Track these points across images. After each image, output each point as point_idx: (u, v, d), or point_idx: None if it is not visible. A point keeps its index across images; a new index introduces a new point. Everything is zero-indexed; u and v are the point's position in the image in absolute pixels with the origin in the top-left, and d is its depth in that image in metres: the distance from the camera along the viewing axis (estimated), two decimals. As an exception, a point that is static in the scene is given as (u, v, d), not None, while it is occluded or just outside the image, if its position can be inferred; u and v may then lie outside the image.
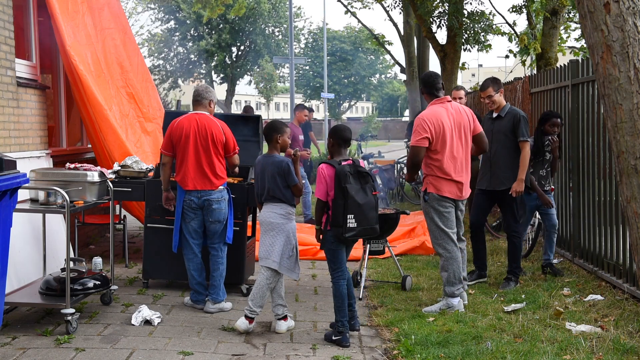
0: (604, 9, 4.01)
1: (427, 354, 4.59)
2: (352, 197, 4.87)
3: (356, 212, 4.89)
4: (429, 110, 5.75)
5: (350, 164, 5.00)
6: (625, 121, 4.02)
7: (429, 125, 5.60)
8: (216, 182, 5.73)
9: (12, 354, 4.61)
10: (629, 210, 4.11)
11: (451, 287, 5.70)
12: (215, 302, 5.76)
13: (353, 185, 4.90)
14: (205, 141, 5.69)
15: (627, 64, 3.98)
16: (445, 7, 12.86)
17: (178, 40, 41.51)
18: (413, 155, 5.70)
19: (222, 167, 5.80)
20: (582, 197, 7.13)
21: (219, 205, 5.75)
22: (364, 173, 4.99)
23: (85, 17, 7.89)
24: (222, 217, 5.81)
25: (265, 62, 41.48)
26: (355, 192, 4.90)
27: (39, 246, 6.12)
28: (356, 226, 4.91)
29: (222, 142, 5.74)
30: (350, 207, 4.87)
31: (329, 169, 4.99)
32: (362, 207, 4.90)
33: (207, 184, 5.71)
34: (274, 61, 29.35)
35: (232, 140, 5.82)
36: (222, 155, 5.79)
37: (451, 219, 5.72)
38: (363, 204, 4.91)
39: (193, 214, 5.76)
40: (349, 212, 4.87)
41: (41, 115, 7.16)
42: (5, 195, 4.19)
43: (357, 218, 4.90)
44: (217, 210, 5.75)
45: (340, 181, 4.88)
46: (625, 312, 5.45)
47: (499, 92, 6.57)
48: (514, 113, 6.51)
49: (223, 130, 5.76)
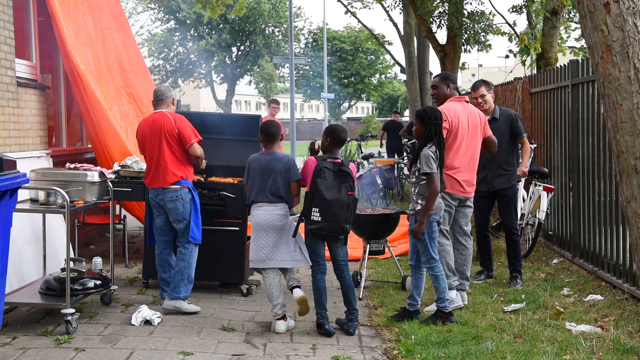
0: (604, 9, 4.01)
1: (427, 354, 4.59)
2: (321, 191, 4.96)
3: (321, 206, 4.96)
4: (448, 104, 5.80)
5: (336, 162, 5.08)
6: (625, 121, 4.01)
7: (448, 116, 5.64)
8: (168, 180, 5.63)
9: (12, 354, 4.60)
10: (629, 210, 4.11)
11: (446, 279, 5.71)
12: (171, 299, 5.67)
13: (326, 181, 4.99)
14: (159, 138, 5.64)
15: (627, 64, 3.98)
16: (445, 7, 12.86)
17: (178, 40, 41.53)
18: None
19: (178, 164, 5.66)
20: (582, 197, 7.13)
21: (174, 204, 5.66)
22: (345, 172, 5.06)
23: (86, 17, 7.89)
24: (180, 216, 5.69)
25: (265, 62, 41.49)
26: (326, 188, 4.98)
27: (39, 246, 6.12)
28: (320, 220, 4.97)
29: (175, 135, 5.63)
30: (316, 200, 4.97)
31: (313, 162, 5.13)
32: (329, 203, 4.96)
33: (160, 182, 5.68)
34: (274, 61, 29.35)
35: (188, 131, 5.65)
36: (179, 151, 5.66)
37: (446, 216, 5.72)
38: (331, 199, 4.96)
39: (157, 211, 5.78)
40: (314, 205, 4.98)
41: (41, 115, 7.16)
42: (5, 195, 4.19)
43: (322, 212, 4.96)
44: (172, 210, 5.68)
45: (314, 175, 5.02)
46: (625, 312, 5.45)
47: (490, 93, 6.71)
48: (508, 113, 6.74)
49: (175, 123, 5.62)
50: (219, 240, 6.30)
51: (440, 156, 5.30)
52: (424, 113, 5.37)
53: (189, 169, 5.78)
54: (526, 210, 8.00)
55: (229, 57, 42.94)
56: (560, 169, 7.90)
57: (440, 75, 6.19)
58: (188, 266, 5.74)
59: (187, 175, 5.76)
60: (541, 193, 7.67)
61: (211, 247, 6.30)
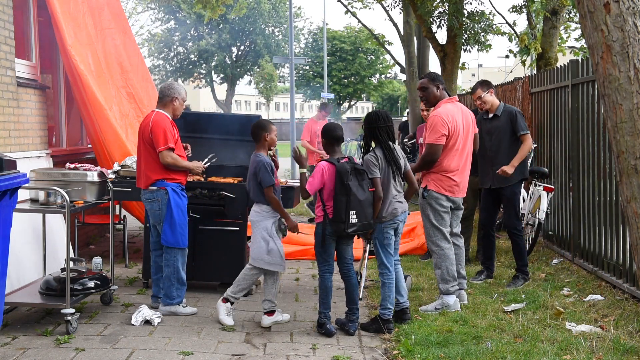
0: (604, 9, 4.00)
1: (427, 354, 4.59)
2: (354, 193, 5.00)
3: (357, 208, 5.02)
4: (444, 108, 5.71)
5: (347, 161, 5.09)
6: (625, 121, 4.01)
7: (447, 123, 5.59)
8: (144, 181, 5.60)
9: (12, 354, 4.60)
10: (629, 210, 4.11)
11: (445, 284, 5.71)
12: (164, 305, 5.62)
13: (354, 182, 5.01)
14: (141, 139, 5.61)
15: (627, 64, 3.97)
16: (445, 7, 12.84)
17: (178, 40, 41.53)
18: (430, 154, 5.64)
19: (155, 165, 5.53)
20: (582, 197, 7.13)
21: (150, 206, 5.61)
22: (361, 170, 5.11)
23: (86, 17, 7.89)
24: (157, 218, 5.60)
25: (265, 62, 41.51)
26: (356, 189, 5.02)
27: (39, 246, 6.12)
28: (357, 221, 5.04)
29: (149, 139, 5.51)
30: (353, 203, 5.00)
31: (329, 166, 5.10)
32: (362, 203, 5.03)
33: (140, 183, 5.68)
34: (274, 61, 29.33)
35: (160, 136, 5.45)
36: (155, 153, 5.53)
37: (446, 218, 5.73)
38: (363, 200, 5.04)
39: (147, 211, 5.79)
40: (351, 208, 5.00)
41: (41, 115, 7.16)
42: (5, 195, 4.19)
43: (358, 214, 5.03)
44: (149, 211, 5.65)
45: (342, 178, 5.00)
46: (625, 312, 5.45)
47: (489, 92, 6.73)
48: (509, 110, 6.69)
49: (150, 126, 5.50)
50: (219, 240, 6.30)
51: (388, 158, 5.25)
52: (366, 118, 5.40)
53: (170, 171, 5.58)
54: (526, 210, 8.00)
55: (229, 57, 42.93)
56: (560, 169, 7.90)
57: (428, 76, 5.87)
58: (175, 271, 5.63)
59: (167, 177, 5.57)
60: (541, 193, 7.68)
61: (211, 247, 6.30)
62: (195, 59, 42.03)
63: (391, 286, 5.27)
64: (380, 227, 5.27)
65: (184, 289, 5.71)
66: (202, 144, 6.64)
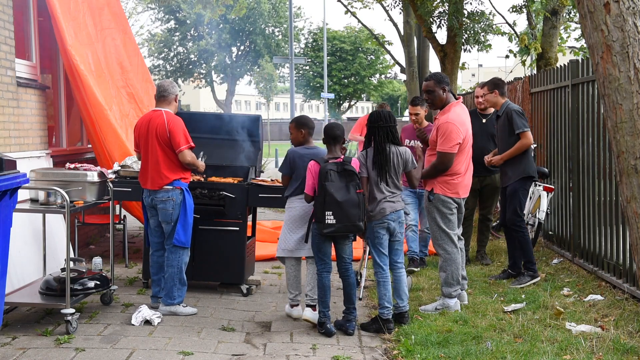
0: (604, 9, 4.01)
1: (427, 354, 4.59)
2: (331, 194, 4.98)
3: (334, 209, 4.99)
4: (455, 114, 5.58)
5: (338, 162, 5.08)
6: (625, 121, 4.02)
7: (461, 131, 5.52)
8: (160, 182, 5.57)
9: (12, 354, 4.60)
10: (629, 210, 4.11)
11: (449, 288, 5.70)
12: (165, 305, 5.63)
13: (335, 183, 5.01)
14: (153, 139, 5.57)
15: (627, 64, 3.98)
16: (445, 7, 12.85)
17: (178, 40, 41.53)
18: (443, 163, 5.54)
19: (171, 165, 5.57)
20: (582, 197, 7.13)
21: (164, 205, 5.60)
22: (350, 171, 5.07)
23: (86, 17, 7.89)
24: (168, 217, 5.62)
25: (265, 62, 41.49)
26: (336, 190, 5.00)
27: (39, 246, 6.12)
28: (334, 223, 5.01)
29: (167, 138, 5.52)
30: (328, 203, 4.99)
31: (315, 165, 5.15)
32: (341, 205, 4.99)
33: (153, 184, 5.63)
34: (274, 61, 29.33)
35: (180, 136, 5.52)
36: (172, 153, 5.56)
37: (453, 220, 5.71)
38: (343, 201, 4.99)
39: (149, 212, 5.76)
40: (326, 208, 4.99)
41: (41, 115, 7.16)
42: (5, 195, 4.19)
43: (336, 215, 4.99)
44: (162, 210, 5.63)
45: (320, 178, 5.04)
46: (625, 312, 5.45)
47: (493, 93, 6.76)
48: (509, 109, 6.71)
49: (168, 127, 5.51)
50: (219, 240, 6.30)
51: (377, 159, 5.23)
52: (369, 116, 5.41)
53: (184, 171, 5.67)
54: (526, 210, 7.99)
55: (229, 57, 42.92)
56: (560, 169, 7.90)
57: (434, 78, 5.67)
58: (178, 271, 5.65)
59: (182, 176, 5.65)
60: (541, 193, 7.68)
61: (211, 247, 6.30)
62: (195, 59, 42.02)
63: (386, 284, 5.27)
64: (370, 226, 5.29)
65: (185, 289, 5.72)
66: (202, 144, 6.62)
